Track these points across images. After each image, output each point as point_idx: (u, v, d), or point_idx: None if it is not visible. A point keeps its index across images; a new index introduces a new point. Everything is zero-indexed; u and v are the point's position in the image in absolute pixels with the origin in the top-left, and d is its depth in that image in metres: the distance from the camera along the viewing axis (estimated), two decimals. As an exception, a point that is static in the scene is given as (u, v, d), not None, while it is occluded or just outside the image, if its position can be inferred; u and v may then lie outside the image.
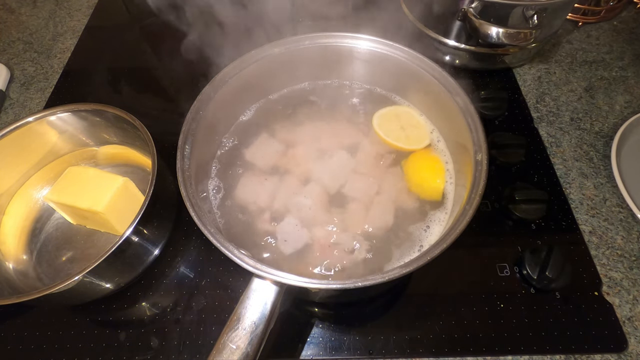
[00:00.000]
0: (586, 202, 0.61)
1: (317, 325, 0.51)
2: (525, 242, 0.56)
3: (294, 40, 0.53)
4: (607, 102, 0.73)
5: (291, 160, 0.53)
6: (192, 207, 0.39)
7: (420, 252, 0.44)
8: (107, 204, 0.51)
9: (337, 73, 0.59)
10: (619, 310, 0.51)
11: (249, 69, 0.52)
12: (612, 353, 0.48)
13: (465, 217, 0.38)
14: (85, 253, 0.56)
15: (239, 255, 0.36)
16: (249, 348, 0.34)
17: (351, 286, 0.34)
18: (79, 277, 0.42)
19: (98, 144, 0.62)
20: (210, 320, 0.51)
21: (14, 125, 0.54)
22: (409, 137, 0.54)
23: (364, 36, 0.53)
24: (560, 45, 0.83)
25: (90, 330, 0.51)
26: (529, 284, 0.52)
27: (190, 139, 0.45)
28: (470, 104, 0.46)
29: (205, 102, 0.48)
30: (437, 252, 0.36)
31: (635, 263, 0.55)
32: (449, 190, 0.50)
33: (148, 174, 0.57)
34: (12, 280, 0.52)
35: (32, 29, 0.92)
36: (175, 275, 0.55)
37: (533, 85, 0.76)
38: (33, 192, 0.59)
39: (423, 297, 0.53)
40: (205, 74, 0.52)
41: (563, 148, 0.67)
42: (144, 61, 0.84)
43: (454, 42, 0.73)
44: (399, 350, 0.49)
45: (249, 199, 0.49)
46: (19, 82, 0.81)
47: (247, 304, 0.35)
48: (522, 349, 0.48)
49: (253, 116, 0.57)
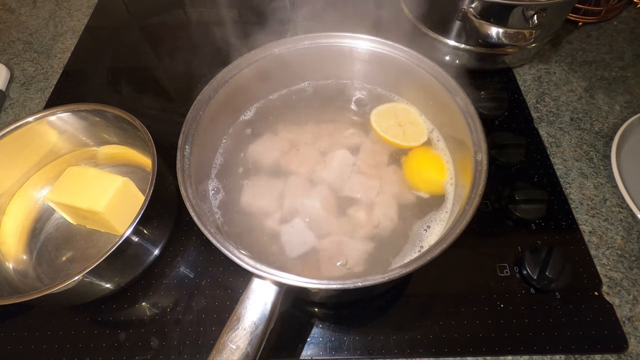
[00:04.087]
0: (586, 202, 0.61)
1: (317, 325, 0.51)
2: (525, 242, 0.56)
3: (294, 40, 0.53)
4: (607, 102, 0.73)
5: (291, 160, 0.53)
6: (192, 207, 0.39)
7: (420, 252, 0.44)
8: (107, 204, 0.51)
9: (337, 73, 0.59)
10: (619, 310, 0.51)
11: (249, 69, 0.52)
12: (612, 353, 0.48)
13: (465, 217, 0.38)
14: (85, 253, 0.56)
15: (239, 255, 0.36)
16: (249, 348, 0.34)
17: (351, 286, 0.34)
18: (79, 277, 0.42)
19: (98, 144, 0.62)
20: (210, 320, 0.51)
21: (14, 125, 0.54)
22: (407, 134, 0.54)
23: (364, 36, 0.53)
24: (560, 45, 0.83)
25: (90, 330, 0.51)
26: (529, 284, 0.52)
27: (190, 139, 0.45)
28: (470, 104, 0.46)
29: (206, 102, 0.48)
30: (437, 252, 0.36)
31: (635, 263, 0.55)
32: (449, 190, 0.50)
33: (148, 174, 0.57)
34: (12, 280, 0.52)
35: (32, 29, 0.92)
36: (175, 275, 0.55)
37: (533, 85, 0.76)
38: (33, 192, 0.59)
39: (423, 297, 0.53)
40: (205, 73, 0.52)
41: (563, 148, 0.67)
42: (144, 61, 0.84)
43: (454, 42, 0.73)
44: (399, 350, 0.49)
45: (249, 199, 0.49)
46: (19, 82, 0.81)
47: (247, 304, 0.35)
48: (522, 349, 0.48)
49: (253, 116, 0.57)
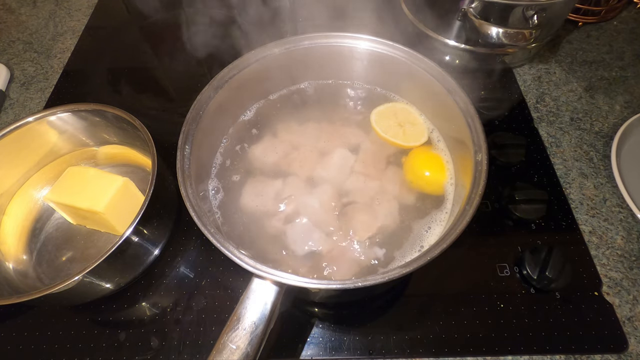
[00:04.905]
0: (586, 202, 0.61)
1: (317, 325, 0.51)
2: (525, 242, 0.56)
3: (294, 40, 0.53)
4: (607, 102, 0.73)
5: (291, 160, 0.53)
6: (192, 207, 0.39)
7: (420, 252, 0.44)
8: (107, 204, 0.51)
9: (337, 73, 0.59)
10: (619, 310, 0.51)
11: (249, 69, 0.52)
12: (612, 353, 0.48)
13: (465, 217, 0.38)
14: (85, 253, 0.56)
15: (239, 255, 0.36)
16: (249, 348, 0.34)
17: (351, 286, 0.34)
18: (79, 277, 0.42)
19: (98, 144, 0.62)
20: (210, 320, 0.51)
21: (14, 125, 0.54)
22: (407, 134, 0.54)
23: (364, 36, 0.53)
24: (560, 45, 0.83)
25: (90, 330, 0.51)
26: (529, 284, 0.52)
27: (190, 139, 0.45)
28: (470, 104, 0.46)
29: (206, 102, 0.48)
30: (437, 252, 0.36)
31: (635, 263, 0.55)
32: (449, 190, 0.50)
33: (148, 174, 0.57)
34: (12, 280, 0.52)
35: (32, 29, 0.92)
36: (175, 275, 0.55)
37: (533, 85, 0.76)
38: (33, 192, 0.59)
39: (423, 297, 0.53)
40: (205, 73, 0.52)
41: (563, 148, 0.67)
42: (144, 61, 0.84)
43: (454, 42, 0.73)
44: (399, 350, 0.49)
45: (249, 199, 0.49)
46: (19, 82, 0.81)
47: (247, 304, 0.35)
48: (522, 349, 0.48)
49: (253, 116, 0.57)
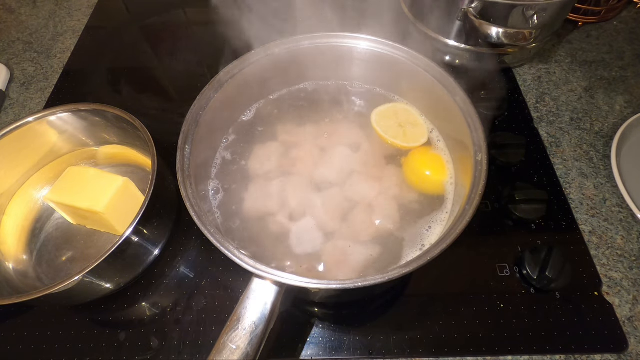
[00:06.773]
0: (586, 202, 0.61)
1: (317, 325, 0.51)
2: (525, 242, 0.56)
3: (294, 40, 0.53)
4: (607, 102, 0.73)
5: (291, 161, 0.53)
6: (192, 207, 0.39)
7: (421, 252, 0.44)
8: (107, 204, 0.51)
9: (337, 73, 0.59)
10: (619, 310, 0.51)
11: (249, 69, 0.52)
12: (612, 353, 0.48)
13: (465, 217, 0.38)
14: (85, 253, 0.56)
15: (238, 255, 0.36)
16: (249, 348, 0.34)
17: (351, 286, 0.34)
18: (79, 277, 0.42)
19: (98, 144, 0.62)
20: (210, 320, 0.51)
21: (14, 125, 0.54)
22: (407, 135, 0.54)
23: (364, 36, 0.53)
24: (560, 45, 0.83)
25: (90, 330, 0.51)
26: (529, 284, 0.52)
27: (191, 139, 0.45)
28: (470, 104, 0.46)
29: (206, 102, 0.48)
30: (437, 252, 0.36)
31: (635, 263, 0.55)
32: (449, 190, 0.50)
33: (148, 174, 0.57)
34: (12, 280, 0.52)
35: (32, 29, 0.92)
36: (175, 275, 0.55)
37: (533, 85, 0.76)
38: (33, 192, 0.59)
39: (423, 297, 0.53)
40: (205, 73, 0.52)
41: (563, 148, 0.67)
42: (144, 61, 0.84)
43: (454, 42, 0.72)
44: (399, 350, 0.49)
45: (249, 199, 0.49)
46: (19, 82, 0.81)
47: (247, 304, 0.35)
48: (522, 349, 0.48)
49: (253, 116, 0.57)
